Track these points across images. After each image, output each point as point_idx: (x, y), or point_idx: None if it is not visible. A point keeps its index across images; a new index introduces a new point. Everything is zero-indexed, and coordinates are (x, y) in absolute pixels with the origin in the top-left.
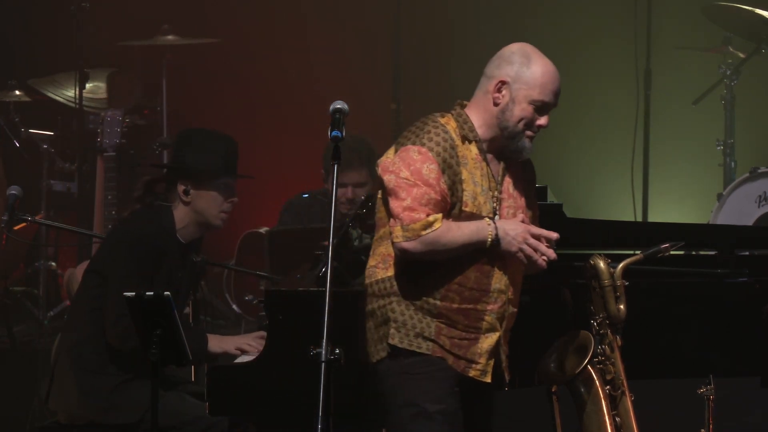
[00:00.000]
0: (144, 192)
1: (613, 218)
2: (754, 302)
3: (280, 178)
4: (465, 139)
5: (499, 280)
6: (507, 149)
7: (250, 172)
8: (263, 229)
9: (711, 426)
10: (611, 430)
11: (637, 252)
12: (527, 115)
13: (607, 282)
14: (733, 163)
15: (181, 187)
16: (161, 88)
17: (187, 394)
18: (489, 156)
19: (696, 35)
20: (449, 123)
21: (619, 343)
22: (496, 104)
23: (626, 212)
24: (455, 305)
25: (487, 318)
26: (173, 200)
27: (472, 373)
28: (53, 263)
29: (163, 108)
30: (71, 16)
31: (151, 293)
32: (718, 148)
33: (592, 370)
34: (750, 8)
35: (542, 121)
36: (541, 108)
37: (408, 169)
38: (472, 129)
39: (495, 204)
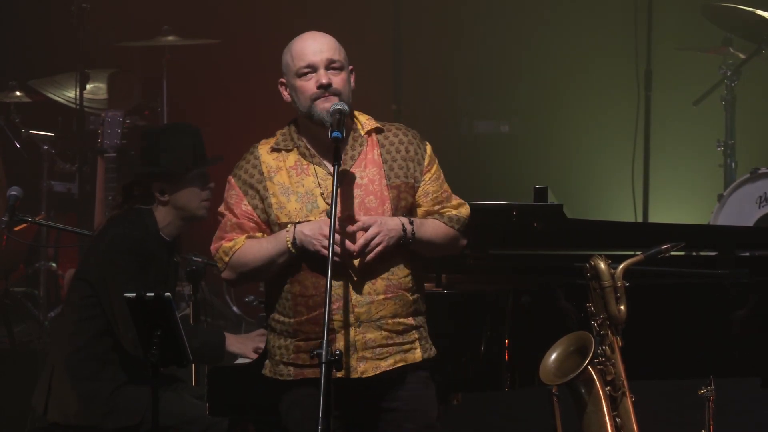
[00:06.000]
0: (124, 198)
1: (614, 219)
2: (754, 303)
3: None
4: (278, 150)
5: (340, 278)
6: (321, 131)
7: None
8: None
9: (711, 427)
10: (612, 430)
11: (638, 253)
12: (307, 89)
13: (607, 283)
14: (733, 164)
15: (156, 188)
16: (161, 88)
17: (186, 394)
18: (320, 155)
19: (696, 36)
20: (268, 143)
21: (620, 343)
22: (293, 104)
23: (627, 213)
24: (304, 317)
25: (336, 317)
26: (151, 202)
27: (339, 374)
28: (53, 264)
29: (163, 108)
30: (71, 17)
31: (152, 294)
32: (719, 148)
33: (592, 371)
34: (750, 9)
35: (320, 78)
36: (310, 72)
37: (223, 204)
38: (290, 138)
39: (327, 200)
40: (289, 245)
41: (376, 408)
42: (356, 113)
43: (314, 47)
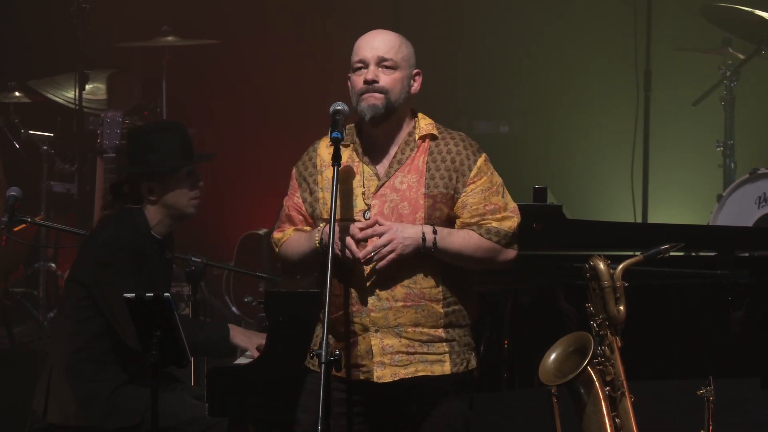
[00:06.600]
0: (114, 198)
1: (613, 219)
2: (753, 303)
3: (280, 179)
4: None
5: (358, 282)
6: (372, 130)
7: (250, 172)
8: (262, 231)
9: (711, 427)
10: (611, 431)
11: (637, 253)
12: (357, 84)
13: (606, 283)
14: (732, 164)
15: (145, 188)
16: (161, 89)
17: (186, 395)
18: (371, 154)
19: (696, 36)
20: (327, 138)
21: (619, 344)
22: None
23: (626, 213)
24: (333, 315)
25: (356, 320)
26: (141, 201)
27: (362, 377)
28: (53, 264)
29: (162, 109)
30: (71, 17)
31: (151, 294)
32: (718, 149)
33: (591, 371)
34: (749, 9)
35: (367, 74)
36: (362, 67)
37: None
38: (351, 134)
39: (367, 201)
40: (317, 244)
41: (399, 415)
42: (420, 116)
43: (370, 43)
